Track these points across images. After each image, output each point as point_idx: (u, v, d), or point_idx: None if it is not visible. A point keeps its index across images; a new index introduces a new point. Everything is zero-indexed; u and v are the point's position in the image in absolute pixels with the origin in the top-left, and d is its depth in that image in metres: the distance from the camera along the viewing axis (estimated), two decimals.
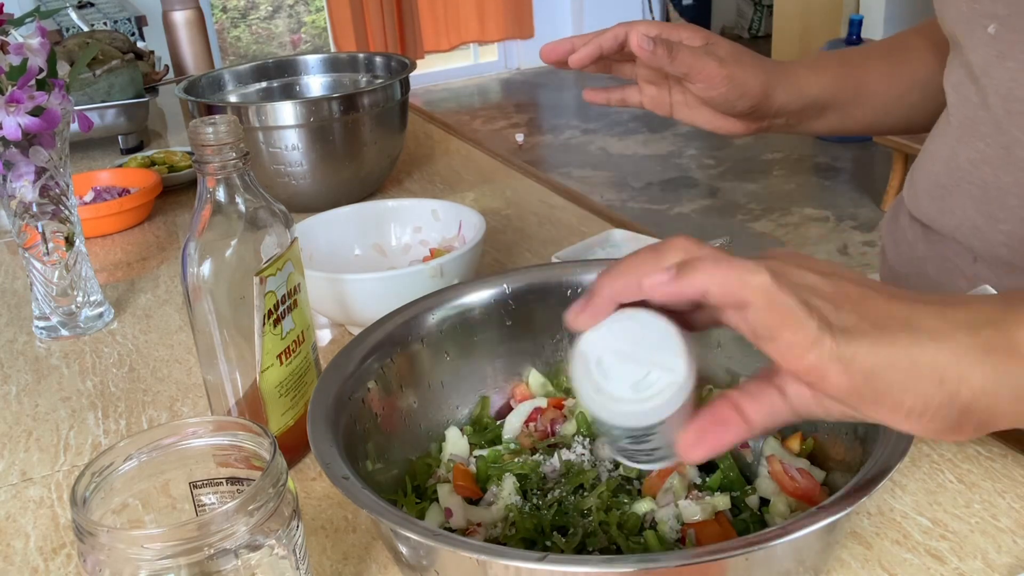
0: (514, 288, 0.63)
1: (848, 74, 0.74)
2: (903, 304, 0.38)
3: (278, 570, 0.43)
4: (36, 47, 0.76)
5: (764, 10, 5.95)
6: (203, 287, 0.57)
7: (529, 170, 1.25)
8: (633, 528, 0.50)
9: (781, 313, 0.36)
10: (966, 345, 0.37)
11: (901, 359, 0.36)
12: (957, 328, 0.37)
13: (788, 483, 0.51)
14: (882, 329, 0.37)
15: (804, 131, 0.75)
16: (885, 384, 0.36)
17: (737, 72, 0.68)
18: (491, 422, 0.62)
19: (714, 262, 0.38)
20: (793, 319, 0.36)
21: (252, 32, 5.64)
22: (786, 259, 0.40)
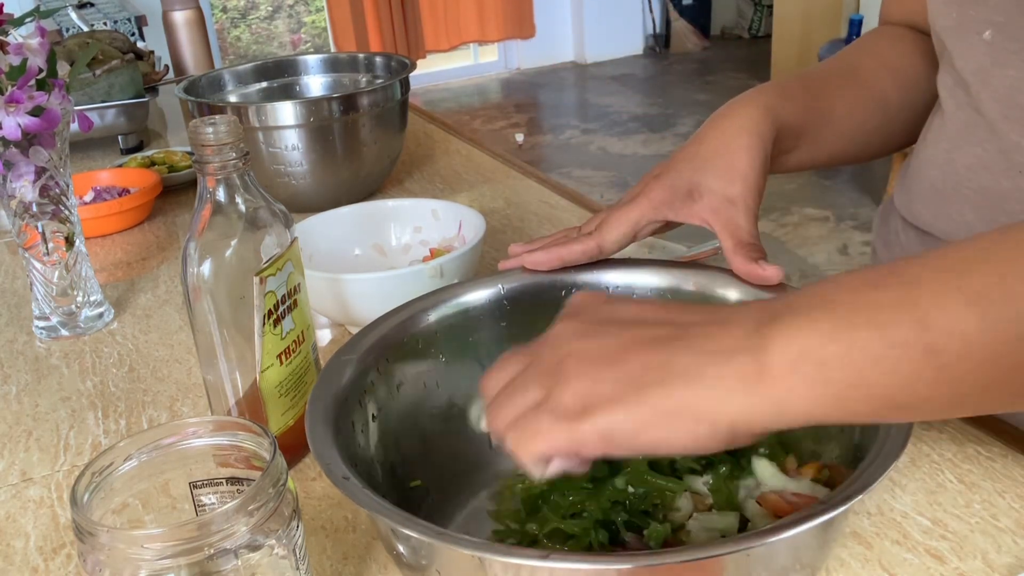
0: (509, 289, 0.63)
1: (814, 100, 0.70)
2: (663, 349, 0.41)
3: (278, 570, 0.43)
4: (36, 47, 0.76)
5: (764, 10, 5.96)
6: (203, 287, 0.57)
7: (529, 170, 1.25)
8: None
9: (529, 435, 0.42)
10: (717, 376, 0.39)
11: (656, 414, 0.40)
12: (709, 362, 0.40)
13: (786, 509, 0.51)
14: (635, 389, 0.40)
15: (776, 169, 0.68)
16: (650, 437, 0.40)
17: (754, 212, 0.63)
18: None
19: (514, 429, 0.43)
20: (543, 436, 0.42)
21: (252, 32, 5.64)
22: (559, 335, 0.45)
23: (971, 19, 0.62)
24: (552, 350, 0.45)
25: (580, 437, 0.41)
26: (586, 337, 0.44)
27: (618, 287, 0.63)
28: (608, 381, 0.41)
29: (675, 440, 0.40)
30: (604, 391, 0.41)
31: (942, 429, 0.61)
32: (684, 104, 4.99)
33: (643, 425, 0.40)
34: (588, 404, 0.41)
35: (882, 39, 0.77)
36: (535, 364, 0.45)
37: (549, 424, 0.42)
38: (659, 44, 6.10)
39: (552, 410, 0.42)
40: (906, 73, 0.74)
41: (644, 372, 0.41)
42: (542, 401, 0.43)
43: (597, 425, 0.40)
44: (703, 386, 0.40)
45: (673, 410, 0.40)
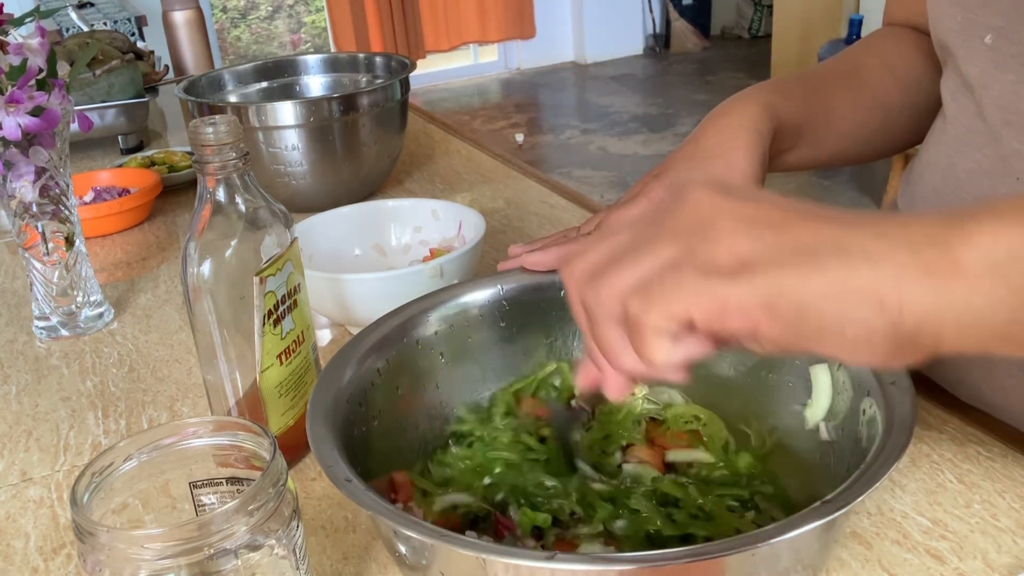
0: (509, 289, 0.63)
1: (814, 98, 0.69)
2: (833, 226, 0.36)
3: (278, 570, 0.43)
4: (36, 47, 0.76)
5: (764, 10, 5.96)
6: (203, 287, 0.57)
7: (529, 170, 1.25)
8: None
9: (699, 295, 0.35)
10: (906, 265, 0.34)
11: (834, 287, 0.34)
12: (896, 247, 0.35)
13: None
14: (809, 257, 0.34)
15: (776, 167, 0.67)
16: (820, 317, 0.34)
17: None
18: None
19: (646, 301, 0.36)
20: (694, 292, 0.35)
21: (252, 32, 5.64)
22: (698, 198, 0.38)
23: (973, 23, 0.62)
24: (692, 210, 0.37)
25: (737, 300, 0.34)
26: (735, 199, 0.37)
27: None
28: (775, 246, 0.35)
29: (847, 328, 0.34)
30: (770, 253, 0.34)
31: (942, 429, 0.61)
32: (684, 104, 4.99)
33: (816, 297, 0.34)
34: (748, 262, 0.34)
35: (885, 40, 0.76)
36: (663, 224, 0.37)
37: (695, 281, 0.35)
38: (659, 44, 6.10)
39: (699, 266, 0.35)
40: (908, 74, 0.74)
41: (817, 243, 0.35)
42: (681, 261, 0.36)
43: (761, 287, 0.34)
44: (892, 269, 0.34)
45: (854, 289, 0.34)
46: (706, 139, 0.63)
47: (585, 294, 0.38)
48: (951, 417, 0.63)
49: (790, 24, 4.68)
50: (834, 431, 0.53)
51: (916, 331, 0.34)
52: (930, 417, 0.63)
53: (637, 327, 0.36)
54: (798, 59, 4.54)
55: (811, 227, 0.36)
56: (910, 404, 0.46)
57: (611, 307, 0.37)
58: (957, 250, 0.34)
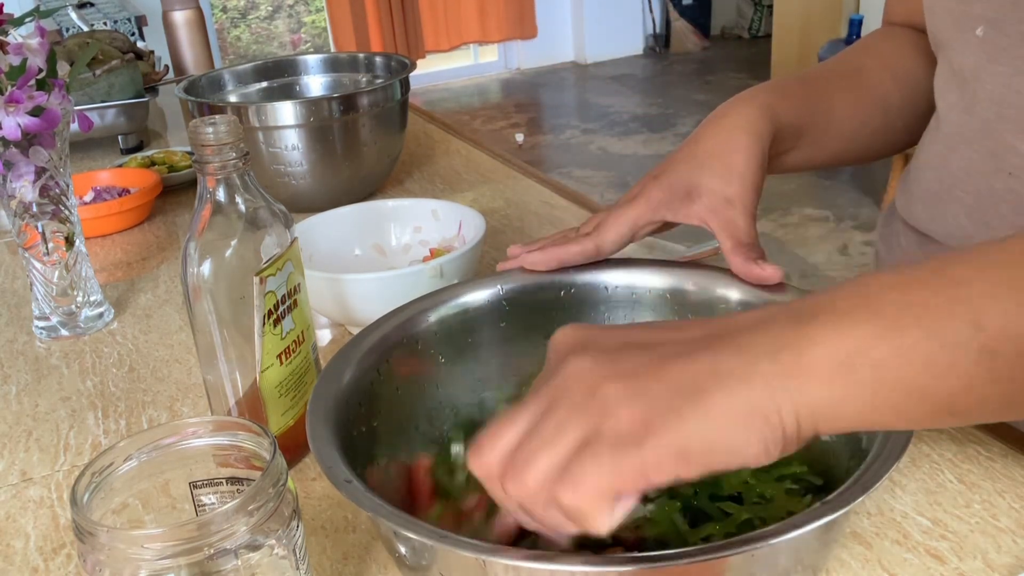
0: (509, 289, 0.63)
1: (814, 99, 0.69)
2: (705, 352, 0.39)
3: (278, 570, 0.43)
4: (36, 47, 0.76)
5: (764, 10, 5.96)
6: (203, 287, 0.57)
7: (529, 170, 1.25)
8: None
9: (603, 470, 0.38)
10: (769, 375, 0.37)
11: (726, 418, 0.37)
12: (758, 359, 0.38)
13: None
14: (695, 397, 0.37)
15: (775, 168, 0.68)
16: (724, 447, 0.37)
17: (752, 212, 0.62)
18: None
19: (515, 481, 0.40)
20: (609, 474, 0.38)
21: (252, 32, 5.64)
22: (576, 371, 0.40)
23: (966, 16, 0.62)
24: (577, 383, 0.40)
25: (653, 461, 0.37)
26: (613, 362, 0.40)
27: (618, 287, 0.63)
28: (662, 396, 0.38)
29: (748, 446, 0.37)
30: (661, 407, 0.38)
31: (942, 429, 0.61)
32: (684, 104, 4.99)
33: (716, 434, 0.37)
34: (649, 424, 0.37)
35: (885, 40, 0.76)
36: (558, 406, 0.40)
37: (611, 457, 0.37)
38: (659, 44, 6.10)
39: (609, 441, 0.38)
40: (908, 74, 0.74)
41: (696, 380, 0.38)
42: (589, 439, 0.38)
43: (669, 443, 0.37)
44: (761, 384, 0.37)
45: (741, 412, 0.37)
46: (706, 140, 0.63)
47: (507, 487, 0.40)
48: None
49: (790, 24, 4.68)
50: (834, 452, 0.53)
51: (797, 429, 0.38)
52: None
53: (577, 512, 0.38)
54: (798, 59, 4.55)
55: (684, 365, 0.39)
56: None
57: (540, 496, 0.39)
58: (806, 353, 0.37)
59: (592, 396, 0.39)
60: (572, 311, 0.63)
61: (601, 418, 0.38)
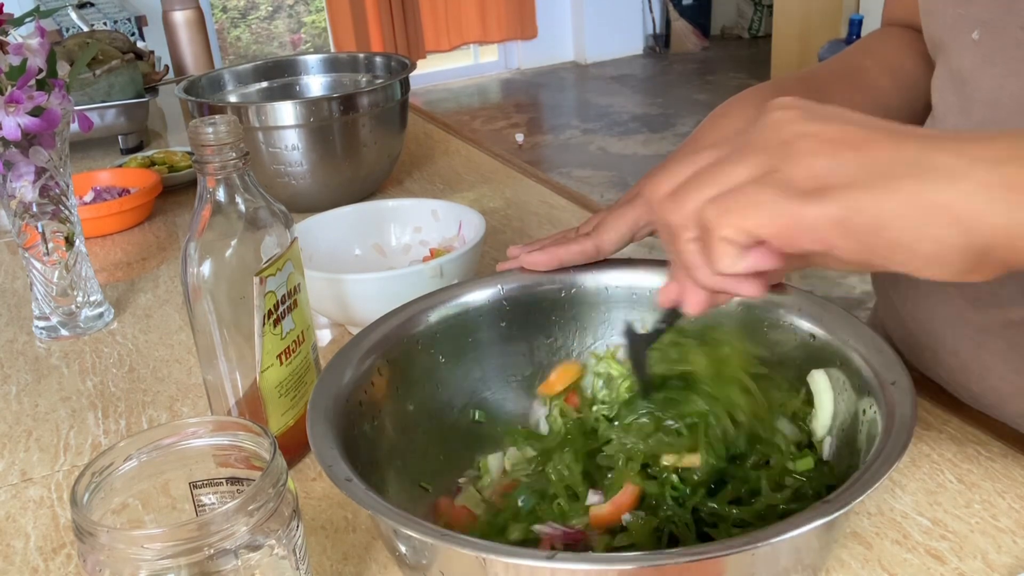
0: (509, 289, 0.63)
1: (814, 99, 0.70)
2: (914, 144, 0.37)
3: (278, 570, 0.43)
4: (36, 47, 0.76)
5: (764, 10, 5.96)
6: (203, 287, 0.57)
7: (529, 170, 1.25)
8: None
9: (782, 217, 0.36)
10: (985, 182, 0.35)
11: (908, 205, 0.35)
12: (975, 164, 0.35)
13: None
14: (886, 177, 0.35)
15: None
16: (893, 234, 0.35)
17: None
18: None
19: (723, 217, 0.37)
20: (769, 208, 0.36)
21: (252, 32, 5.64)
22: (780, 120, 0.39)
23: (963, 18, 0.62)
24: (775, 131, 0.38)
25: (810, 217, 0.35)
26: (818, 122, 0.38)
27: (618, 287, 0.63)
28: (853, 165, 0.36)
29: (921, 244, 0.35)
30: (848, 173, 0.35)
31: (942, 429, 0.61)
32: (684, 104, 4.99)
33: (892, 215, 0.34)
34: (827, 184, 0.35)
35: (884, 40, 0.76)
36: (747, 148, 0.38)
37: (773, 197, 0.36)
38: (659, 44, 6.10)
39: (777, 183, 0.36)
40: (907, 74, 0.74)
41: (896, 163, 0.36)
42: (760, 176, 0.37)
43: (836, 206, 0.35)
44: (970, 187, 0.34)
45: (931, 206, 0.34)
46: (706, 140, 0.63)
47: (665, 209, 0.40)
48: (951, 417, 0.63)
49: (790, 24, 4.68)
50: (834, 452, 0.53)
51: (990, 244, 0.35)
52: (930, 417, 0.63)
53: (708, 236, 0.37)
54: (798, 59, 4.55)
55: (892, 146, 0.36)
56: (910, 404, 0.46)
57: (689, 219, 0.38)
58: None
59: (783, 145, 0.37)
60: (572, 311, 0.63)
61: (782, 162, 0.37)
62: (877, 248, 0.35)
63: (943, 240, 0.35)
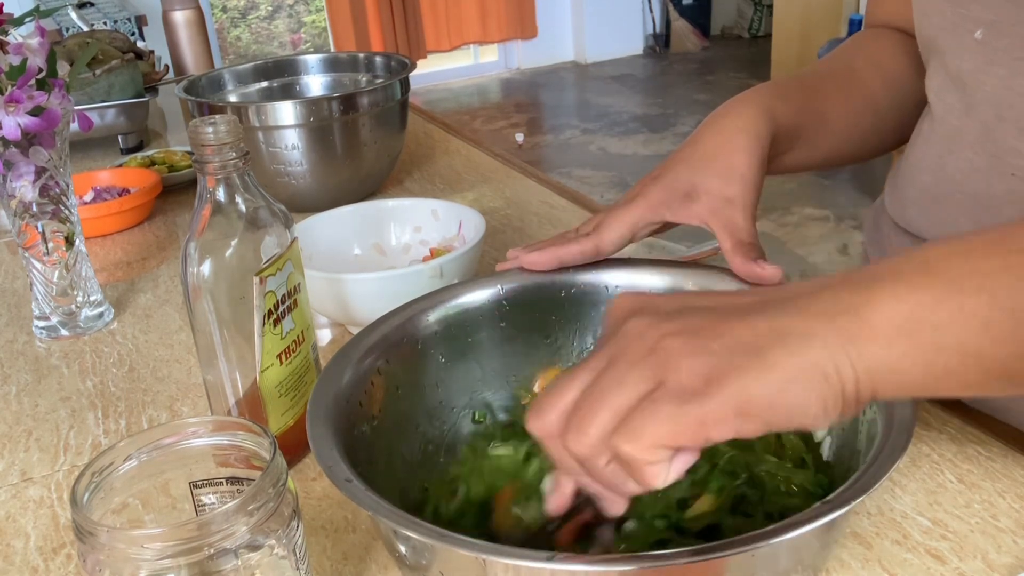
0: (509, 289, 0.63)
1: (810, 101, 0.70)
2: (760, 316, 0.39)
3: (278, 570, 0.43)
4: (36, 47, 0.76)
5: (764, 10, 5.96)
6: (203, 287, 0.57)
7: (529, 170, 1.25)
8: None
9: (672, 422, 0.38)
10: (827, 336, 0.38)
11: (787, 375, 0.37)
12: (818, 320, 0.38)
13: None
14: (757, 354, 0.37)
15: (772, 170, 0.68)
16: (785, 404, 0.37)
17: (752, 212, 0.62)
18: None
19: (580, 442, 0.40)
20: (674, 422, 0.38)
21: (252, 32, 5.64)
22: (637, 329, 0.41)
23: (964, 19, 0.62)
24: (638, 341, 0.40)
25: (713, 414, 0.37)
26: (672, 320, 0.40)
27: (618, 287, 0.63)
28: (723, 352, 0.38)
29: (808, 404, 0.37)
30: (723, 363, 0.38)
31: (942, 429, 0.61)
32: (684, 104, 4.99)
33: (778, 389, 0.37)
34: (711, 378, 0.37)
35: (872, 41, 0.77)
36: (617, 363, 0.40)
37: (672, 409, 0.37)
38: (659, 44, 6.10)
39: (671, 393, 0.38)
40: (895, 73, 0.74)
41: (756, 338, 0.38)
42: (650, 392, 0.38)
43: (730, 398, 0.37)
44: (820, 344, 0.37)
45: (802, 370, 0.37)
46: (705, 141, 0.63)
47: (568, 442, 0.40)
48: (951, 417, 0.63)
49: (790, 24, 4.68)
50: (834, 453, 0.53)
51: (856, 391, 0.38)
52: (930, 417, 0.63)
53: (633, 464, 0.38)
54: (798, 59, 4.55)
55: (743, 324, 0.39)
56: (910, 404, 0.46)
57: (597, 449, 0.39)
58: (867, 315, 0.38)
59: (653, 352, 0.39)
60: (572, 311, 0.63)
61: (662, 371, 0.38)
62: (776, 419, 0.38)
63: (822, 396, 0.37)
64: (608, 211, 0.64)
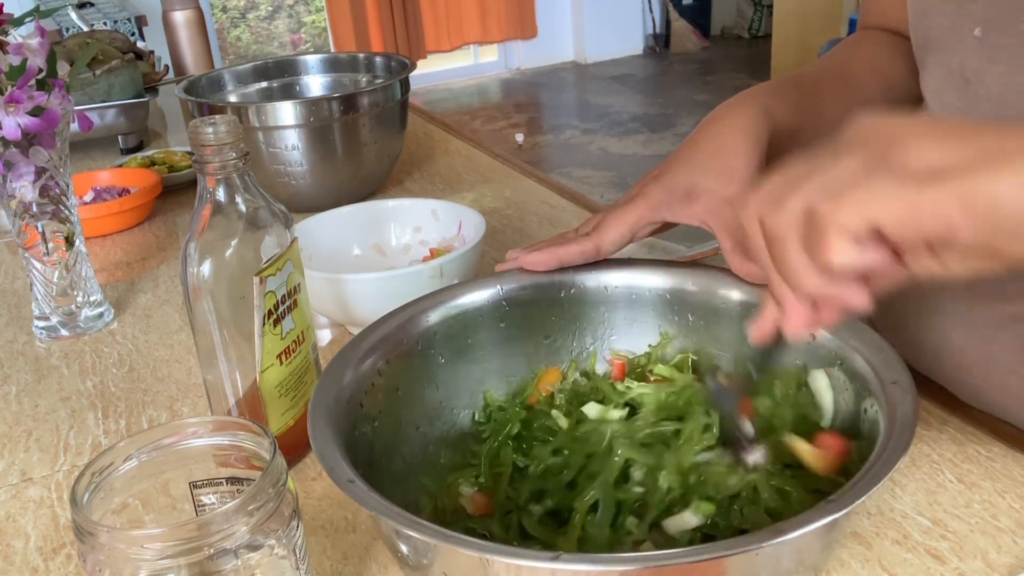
0: (508, 290, 0.63)
1: (807, 102, 0.70)
2: (1012, 131, 0.37)
3: (278, 570, 0.43)
4: (36, 47, 0.76)
5: (764, 10, 5.96)
6: (203, 287, 0.57)
7: (529, 170, 1.25)
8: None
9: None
10: None
11: (1018, 184, 0.35)
12: None
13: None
14: (997, 157, 0.35)
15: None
16: (1016, 211, 0.35)
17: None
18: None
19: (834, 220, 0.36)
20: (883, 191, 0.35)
21: (252, 32, 5.64)
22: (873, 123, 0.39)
23: (963, 17, 0.62)
24: (872, 130, 0.38)
25: (932, 199, 0.35)
26: (910, 119, 0.38)
27: (618, 287, 0.63)
28: (961, 151, 0.36)
29: None
30: (960, 156, 0.35)
31: (942, 429, 0.61)
32: (684, 104, 4.99)
33: (1012, 191, 0.34)
34: (941, 168, 0.35)
35: (866, 42, 0.78)
36: (843, 147, 0.38)
37: (888, 184, 0.35)
38: (659, 44, 6.10)
39: (891, 171, 0.36)
40: (890, 74, 0.75)
41: (1003, 145, 0.36)
42: (872, 166, 0.36)
43: (958, 186, 0.35)
44: None
45: None
46: (705, 142, 0.63)
47: (766, 213, 0.38)
48: (951, 417, 0.63)
49: (790, 24, 4.68)
50: None
51: None
52: (930, 417, 0.63)
53: (823, 226, 0.36)
54: (798, 59, 4.55)
55: (993, 133, 0.36)
56: (912, 404, 0.46)
57: (794, 216, 0.37)
58: None
59: (888, 138, 0.37)
60: (572, 311, 0.63)
61: (890, 152, 0.36)
62: (1000, 225, 0.35)
63: None
64: (608, 211, 0.64)
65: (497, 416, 0.61)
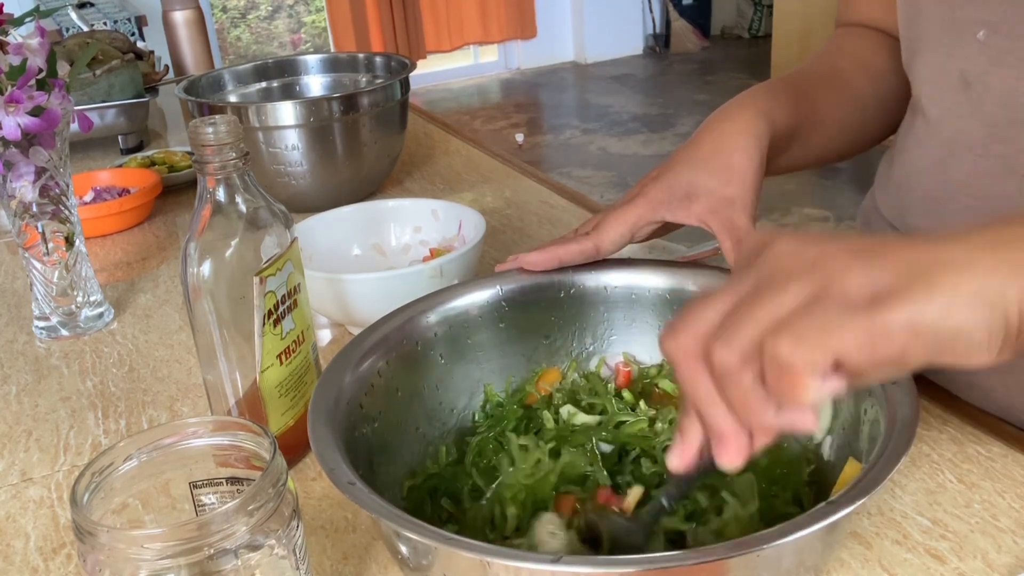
0: (508, 290, 0.63)
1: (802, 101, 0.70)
2: (924, 243, 0.38)
3: (278, 570, 0.43)
4: (36, 47, 0.76)
5: (764, 10, 5.95)
6: (203, 287, 0.57)
7: (529, 170, 1.25)
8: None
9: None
10: (992, 264, 0.37)
11: (954, 299, 0.36)
12: (980, 251, 0.37)
13: None
14: (923, 276, 0.36)
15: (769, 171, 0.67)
16: (951, 329, 0.36)
17: (752, 212, 0.62)
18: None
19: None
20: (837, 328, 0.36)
21: (252, 32, 5.64)
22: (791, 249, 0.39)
23: (964, 19, 0.62)
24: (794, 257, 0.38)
25: (883, 328, 0.35)
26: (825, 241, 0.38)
27: (618, 287, 0.63)
28: (889, 270, 0.37)
29: (973, 331, 0.36)
30: (890, 279, 0.36)
31: (942, 429, 0.61)
32: (684, 104, 4.99)
33: (946, 311, 0.35)
34: (879, 294, 0.36)
35: (852, 41, 0.78)
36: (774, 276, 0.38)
37: (841, 315, 0.36)
38: (659, 44, 6.10)
39: (837, 301, 0.36)
40: (877, 70, 0.76)
41: (920, 263, 0.37)
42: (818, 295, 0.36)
43: (902, 313, 0.35)
44: (984, 272, 0.36)
45: (967, 295, 0.36)
46: (705, 142, 0.63)
47: (712, 349, 0.38)
48: (951, 417, 0.63)
49: (790, 24, 4.68)
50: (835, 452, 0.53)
51: (1020, 323, 0.36)
52: (930, 417, 0.63)
53: (788, 368, 0.36)
54: (798, 59, 4.52)
55: (908, 248, 0.38)
56: (912, 404, 0.46)
57: (748, 353, 0.37)
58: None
59: (815, 265, 0.37)
60: (572, 311, 0.63)
61: (827, 282, 0.37)
62: (943, 343, 0.36)
63: (988, 325, 0.36)
64: (608, 211, 0.64)
65: (495, 412, 0.61)
